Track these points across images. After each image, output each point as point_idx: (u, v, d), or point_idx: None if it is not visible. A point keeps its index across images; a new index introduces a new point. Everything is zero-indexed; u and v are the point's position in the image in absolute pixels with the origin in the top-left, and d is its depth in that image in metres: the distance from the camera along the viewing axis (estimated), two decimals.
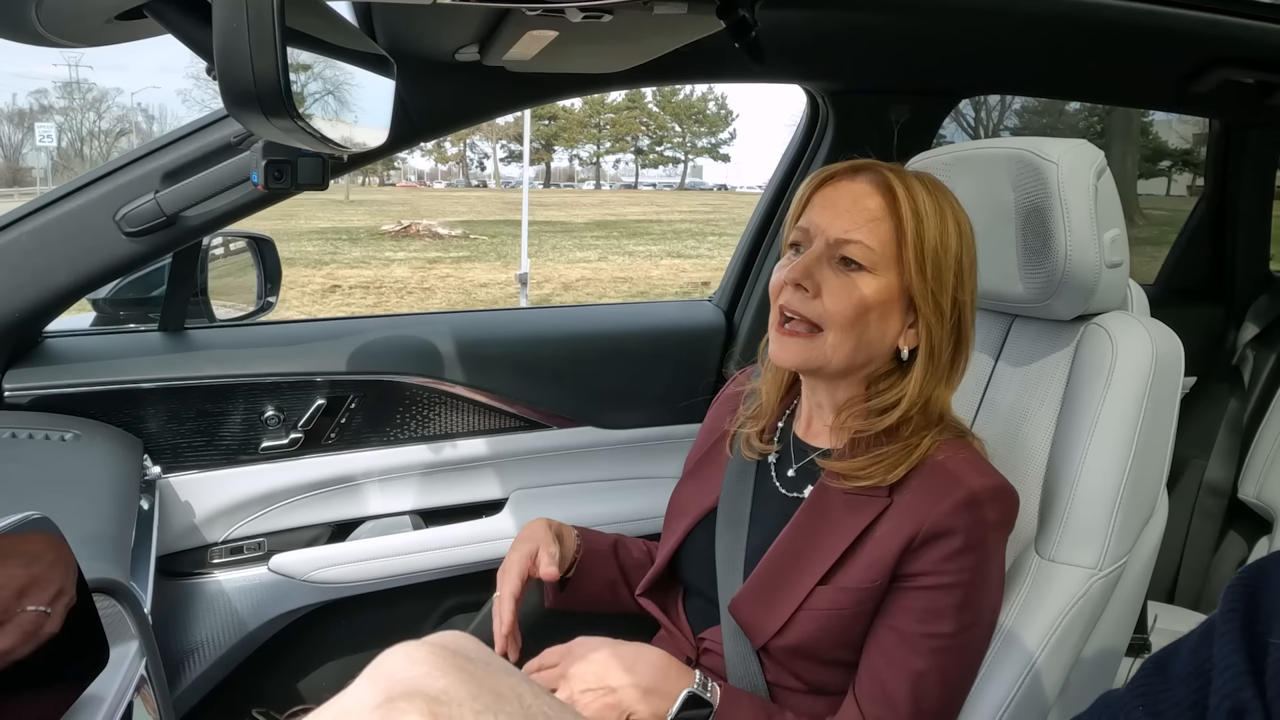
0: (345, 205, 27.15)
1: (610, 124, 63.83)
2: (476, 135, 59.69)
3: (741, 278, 1.80)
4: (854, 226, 0.93)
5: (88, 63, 53.72)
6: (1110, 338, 1.04)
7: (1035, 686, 0.97)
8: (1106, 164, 1.04)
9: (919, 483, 0.92)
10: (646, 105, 62.41)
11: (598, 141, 65.31)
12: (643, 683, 0.90)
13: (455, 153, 63.57)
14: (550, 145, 64.11)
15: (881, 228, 0.93)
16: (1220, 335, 2.23)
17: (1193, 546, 2.15)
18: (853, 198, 0.94)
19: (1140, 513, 1.03)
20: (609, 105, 62.90)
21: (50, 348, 1.36)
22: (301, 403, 1.45)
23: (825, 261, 0.94)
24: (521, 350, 1.60)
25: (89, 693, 0.64)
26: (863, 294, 0.92)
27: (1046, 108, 4.83)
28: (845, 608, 0.92)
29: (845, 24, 1.40)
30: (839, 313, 0.93)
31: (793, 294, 0.94)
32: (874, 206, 0.93)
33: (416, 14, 1.09)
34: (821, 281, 0.93)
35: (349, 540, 1.52)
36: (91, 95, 53.35)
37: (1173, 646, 0.45)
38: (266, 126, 0.63)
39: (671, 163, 64.24)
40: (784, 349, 0.96)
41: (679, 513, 1.13)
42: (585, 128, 64.27)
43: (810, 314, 0.94)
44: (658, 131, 63.31)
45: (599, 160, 67.42)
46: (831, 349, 0.94)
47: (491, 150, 62.93)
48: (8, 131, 51.96)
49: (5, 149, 51.31)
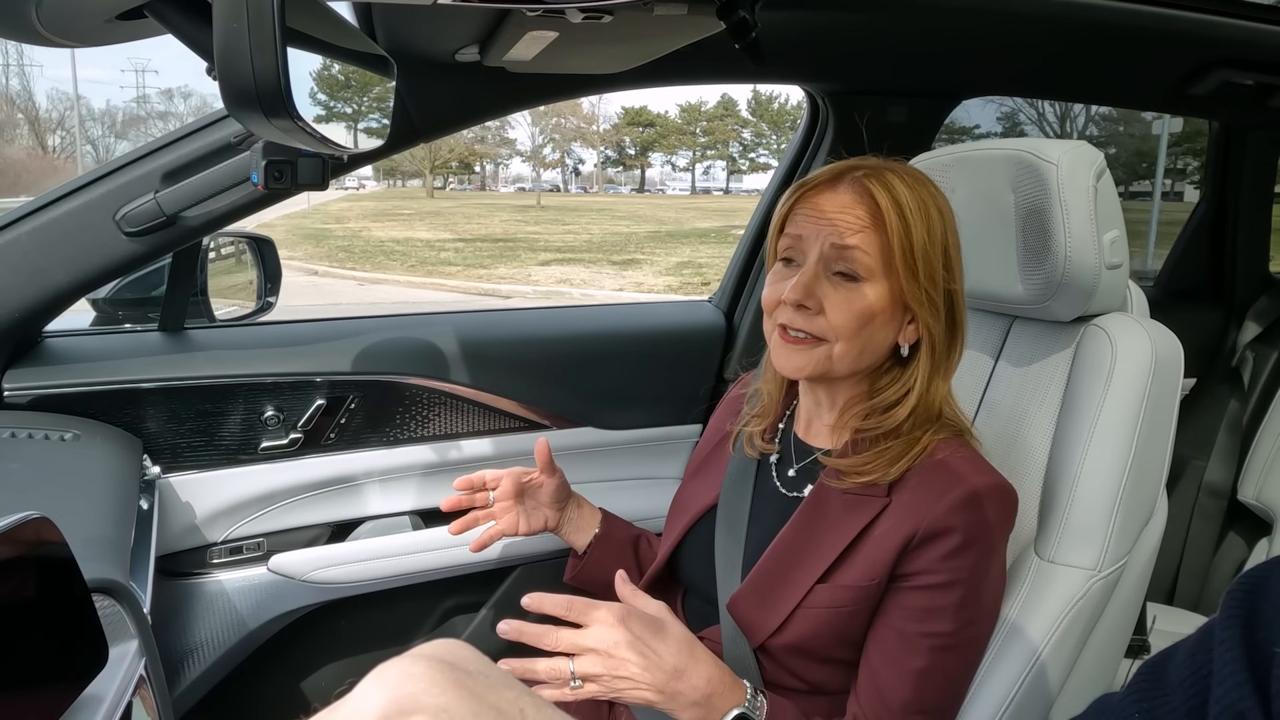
0: (571, 213, 30.30)
1: (704, 131, 64.88)
2: (576, 141, 60.85)
3: (741, 278, 1.80)
4: (848, 234, 0.93)
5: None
6: (1110, 339, 1.04)
7: (1035, 687, 0.97)
8: (1106, 165, 1.04)
9: (918, 481, 0.93)
10: (739, 113, 63.56)
11: (695, 148, 66.45)
12: (692, 695, 0.87)
13: (555, 159, 64.30)
14: (645, 152, 65.15)
15: (873, 235, 0.93)
16: (1220, 336, 2.23)
17: (1192, 547, 2.15)
18: (840, 207, 0.93)
19: (1140, 514, 1.03)
20: (704, 113, 64.25)
21: (50, 347, 1.36)
22: (301, 403, 1.45)
23: (822, 276, 0.94)
24: (522, 350, 1.60)
25: (88, 693, 0.64)
26: (864, 304, 0.93)
27: (1125, 116, 4.81)
28: (843, 606, 0.93)
29: (845, 24, 1.39)
30: (843, 325, 0.93)
31: (794, 313, 0.94)
32: (863, 214, 0.93)
33: (416, 14, 1.09)
34: (822, 297, 0.93)
35: (349, 540, 1.52)
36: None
37: (1169, 651, 0.45)
38: (266, 126, 0.63)
39: (763, 169, 65.27)
40: (789, 358, 0.96)
41: (680, 511, 1.14)
42: (683, 135, 65.35)
43: (815, 330, 0.94)
44: (755, 138, 64.38)
45: (693, 166, 68.78)
46: (838, 357, 0.94)
47: (589, 156, 64.07)
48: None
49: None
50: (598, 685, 0.85)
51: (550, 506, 1.22)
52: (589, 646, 0.85)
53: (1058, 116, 5.92)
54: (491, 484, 1.20)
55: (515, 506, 1.20)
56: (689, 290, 12.63)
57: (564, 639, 0.86)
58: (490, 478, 1.20)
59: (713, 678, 0.88)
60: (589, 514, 1.26)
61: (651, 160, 68.33)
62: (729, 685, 0.89)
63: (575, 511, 1.25)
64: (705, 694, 0.87)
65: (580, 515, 1.25)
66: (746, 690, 0.90)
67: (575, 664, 0.85)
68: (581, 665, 0.85)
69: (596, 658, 0.85)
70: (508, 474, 1.20)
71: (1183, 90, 1.61)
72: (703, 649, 0.90)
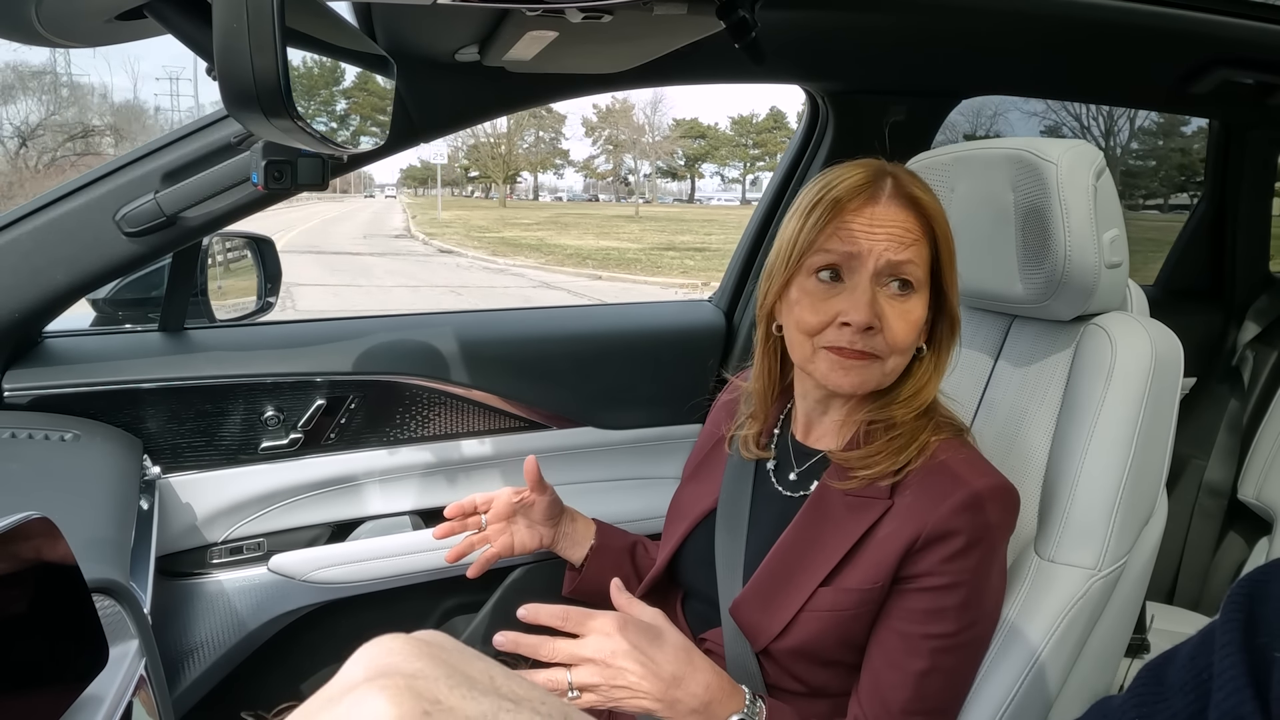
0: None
1: (756, 143, 65.30)
2: (629, 154, 61.58)
3: (741, 278, 1.80)
4: (902, 248, 0.92)
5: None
6: (1110, 338, 1.04)
7: (1035, 687, 0.97)
8: (1105, 164, 1.04)
9: (920, 484, 0.93)
10: (788, 124, 64.18)
11: (746, 159, 67.04)
12: (691, 702, 0.86)
13: (609, 169, 64.55)
14: (695, 163, 65.58)
15: (923, 247, 0.94)
16: (1220, 336, 2.23)
17: (1192, 547, 2.15)
18: (891, 218, 0.92)
19: (1140, 513, 1.03)
20: (755, 125, 64.72)
21: (50, 348, 1.36)
22: (301, 403, 1.45)
23: (878, 292, 0.93)
24: (521, 350, 1.60)
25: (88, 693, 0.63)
26: (916, 316, 0.94)
27: (1166, 129, 4.79)
28: (846, 609, 0.92)
29: (845, 24, 1.39)
30: (902, 340, 0.93)
31: (857, 335, 0.91)
32: (913, 227, 0.93)
33: (416, 14, 1.09)
34: (880, 314, 0.92)
35: (349, 540, 1.52)
36: None
37: (1168, 655, 0.45)
38: (266, 126, 0.63)
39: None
40: (847, 375, 0.93)
41: (679, 515, 1.14)
42: (735, 146, 65.71)
43: (875, 348, 0.93)
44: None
45: (744, 178, 69.50)
46: (890, 371, 0.95)
47: (644, 167, 64.59)
48: None
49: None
50: (596, 695, 0.85)
51: (544, 524, 1.20)
52: (586, 656, 0.85)
53: (1102, 131, 5.91)
54: (482, 507, 1.18)
55: (508, 527, 1.19)
56: None
57: (561, 650, 0.86)
58: (481, 501, 1.18)
59: (711, 684, 0.87)
60: (583, 527, 1.25)
61: (703, 171, 68.90)
62: (728, 691, 0.89)
63: (569, 526, 1.23)
64: (704, 701, 0.86)
65: (574, 529, 1.24)
66: (745, 696, 0.90)
67: (573, 674, 0.85)
68: (579, 675, 0.84)
69: (594, 667, 0.84)
70: (498, 496, 1.18)
71: (1183, 89, 1.61)
72: (700, 656, 0.90)
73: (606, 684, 0.84)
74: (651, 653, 0.86)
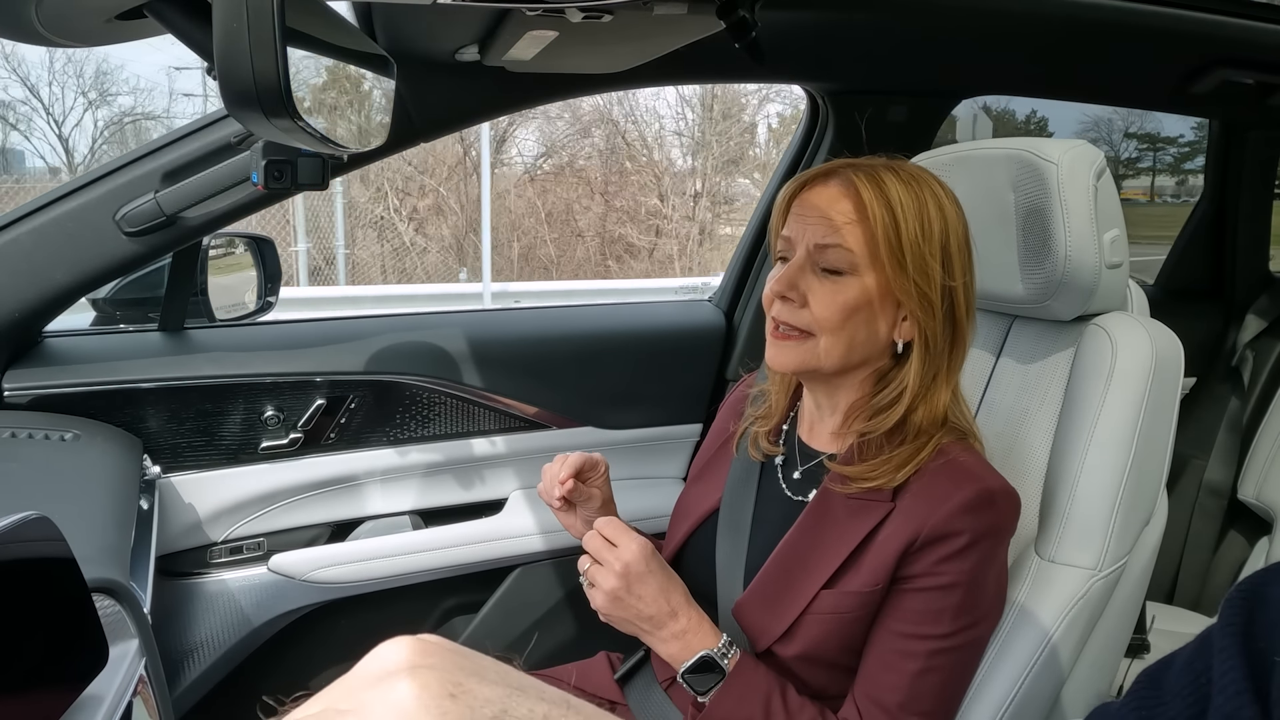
0: None
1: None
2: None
3: (741, 278, 1.80)
4: (830, 232, 0.94)
5: None
6: (1110, 338, 1.04)
7: (1035, 687, 0.97)
8: (1105, 164, 1.04)
9: (921, 486, 0.92)
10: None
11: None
12: (674, 627, 0.95)
13: None
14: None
15: (857, 230, 0.93)
16: (1220, 335, 2.23)
17: (1192, 547, 2.15)
18: (826, 202, 0.95)
19: (1140, 513, 1.03)
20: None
21: (50, 347, 1.36)
22: (301, 403, 1.45)
23: (808, 270, 0.95)
24: (521, 350, 1.60)
25: (88, 693, 0.63)
26: (847, 298, 0.93)
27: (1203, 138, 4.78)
28: (848, 612, 0.92)
29: (845, 24, 1.39)
30: (826, 319, 0.94)
31: (781, 306, 0.96)
32: (847, 209, 0.93)
33: (416, 14, 1.09)
34: (807, 290, 0.95)
35: (349, 540, 1.52)
36: None
37: (1167, 659, 0.44)
38: (266, 126, 0.63)
39: None
40: (779, 353, 0.98)
41: (682, 515, 1.14)
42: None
43: (800, 323, 0.95)
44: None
45: None
46: (824, 352, 0.95)
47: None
48: None
49: None
50: (602, 598, 0.95)
51: (592, 517, 1.13)
52: (611, 562, 0.95)
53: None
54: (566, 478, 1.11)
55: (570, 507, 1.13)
56: None
57: (594, 545, 0.97)
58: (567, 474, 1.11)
59: (693, 617, 0.97)
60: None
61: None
62: (707, 630, 0.96)
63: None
64: (683, 630, 0.95)
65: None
66: (722, 639, 0.95)
67: (593, 573, 0.96)
68: (597, 574, 0.96)
69: (613, 576, 0.94)
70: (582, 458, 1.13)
71: (1183, 89, 1.61)
72: (688, 598, 0.98)
73: (614, 592, 0.95)
74: (665, 583, 0.96)
